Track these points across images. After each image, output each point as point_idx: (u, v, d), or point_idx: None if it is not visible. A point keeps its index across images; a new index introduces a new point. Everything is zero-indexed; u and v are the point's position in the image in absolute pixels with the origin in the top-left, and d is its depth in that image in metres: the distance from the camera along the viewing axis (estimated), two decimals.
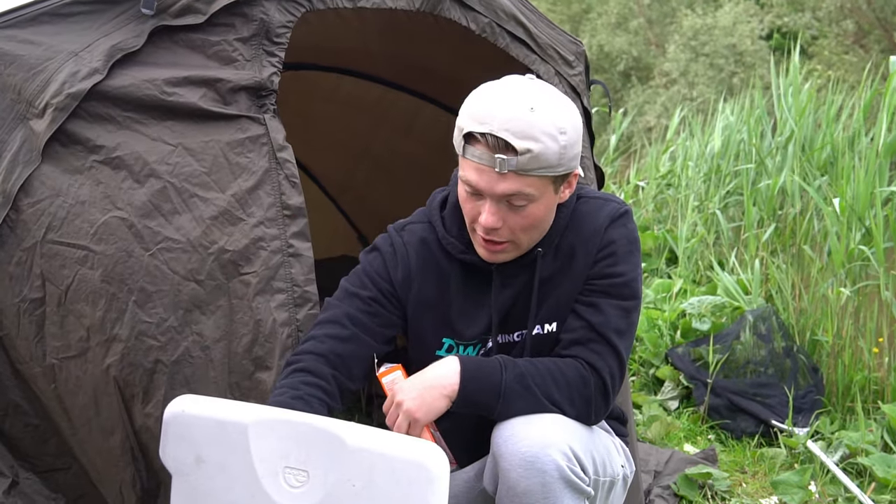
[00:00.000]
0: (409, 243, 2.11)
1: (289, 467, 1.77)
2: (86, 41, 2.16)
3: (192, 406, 1.87)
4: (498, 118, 1.83)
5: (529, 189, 1.88)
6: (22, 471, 2.25)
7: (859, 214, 4.62)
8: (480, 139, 1.85)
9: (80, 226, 2.13)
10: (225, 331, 2.15)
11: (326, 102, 3.96)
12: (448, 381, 1.91)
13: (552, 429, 1.87)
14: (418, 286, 2.09)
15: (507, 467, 1.84)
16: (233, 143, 2.21)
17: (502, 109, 1.84)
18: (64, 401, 2.19)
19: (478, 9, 2.62)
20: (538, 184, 1.88)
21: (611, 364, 1.99)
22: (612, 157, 8.34)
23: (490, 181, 1.87)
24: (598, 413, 2.00)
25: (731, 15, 15.77)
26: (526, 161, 1.83)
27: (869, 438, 3.70)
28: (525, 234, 1.97)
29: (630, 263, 2.04)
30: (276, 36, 2.27)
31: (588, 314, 2.01)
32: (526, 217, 1.93)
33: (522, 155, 1.83)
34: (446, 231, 2.09)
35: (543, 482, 1.82)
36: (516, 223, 1.93)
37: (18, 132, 2.15)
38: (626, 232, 2.05)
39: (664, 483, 3.40)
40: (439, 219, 2.11)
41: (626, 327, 2.02)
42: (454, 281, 2.09)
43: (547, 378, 1.94)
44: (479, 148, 1.86)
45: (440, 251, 2.10)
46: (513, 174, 1.85)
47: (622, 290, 2.02)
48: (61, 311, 2.14)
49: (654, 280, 5.97)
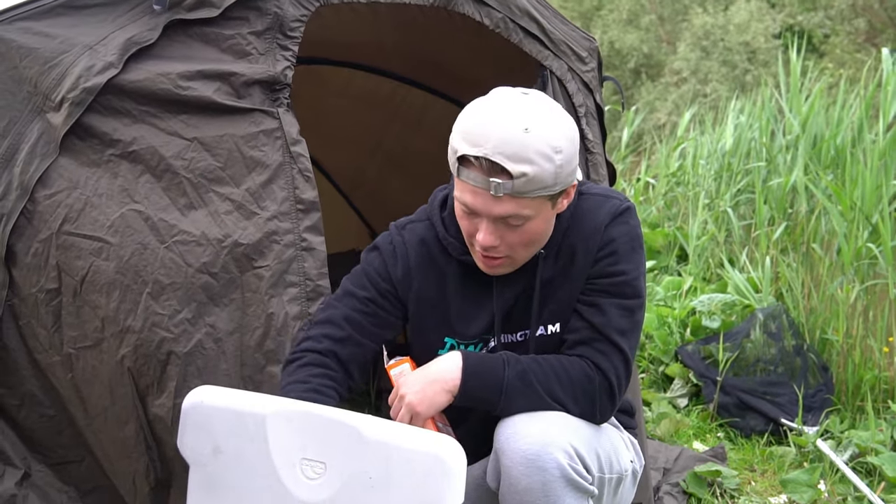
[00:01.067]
0: (409, 242, 2.11)
1: (306, 459, 1.78)
2: (101, 34, 2.16)
3: (211, 396, 1.89)
4: (492, 140, 1.80)
5: (526, 210, 1.87)
6: (34, 462, 2.26)
7: (867, 213, 4.60)
8: (474, 162, 1.83)
9: (96, 217, 2.14)
10: (238, 324, 2.16)
11: (339, 97, 3.96)
12: (450, 376, 1.92)
13: (554, 427, 1.87)
14: (418, 284, 2.09)
15: (509, 465, 1.85)
16: (247, 137, 2.21)
17: (495, 130, 1.81)
18: (80, 390, 2.20)
19: (491, 4, 2.62)
20: (534, 204, 1.87)
21: (616, 364, 1.98)
22: (624, 154, 8.32)
23: (486, 204, 1.86)
24: (603, 412, 1.99)
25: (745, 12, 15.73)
26: (522, 184, 1.81)
27: (879, 438, 3.69)
28: (524, 249, 1.97)
29: (632, 262, 2.02)
30: (289, 30, 2.28)
31: (590, 314, 2.00)
32: (524, 234, 1.92)
33: (518, 179, 1.80)
34: (446, 231, 2.08)
35: (544, 480, 1.82)
36: (514, 240, 1.93)
37: (36, 124, 2.16)
38: (627, 229, 2.03)
39: (673, 480, 3.39)
40: (439, 219, 2.10)
41: (630, 326, 2.01)
42: (452, 281, 2.09)
43: (550, 375, 1.94)
44: (474, 171, 1.84)
45: (439, 250, 2.10)
46: (508, 197, 1.83)
47: (624, 289, 2.01)
48: (77, 302, 2.15)
49: (664, 277, 5.96)
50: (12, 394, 2.24)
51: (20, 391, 2.23)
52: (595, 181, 2.85)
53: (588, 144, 2.85)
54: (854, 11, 14.99)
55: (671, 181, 7.70)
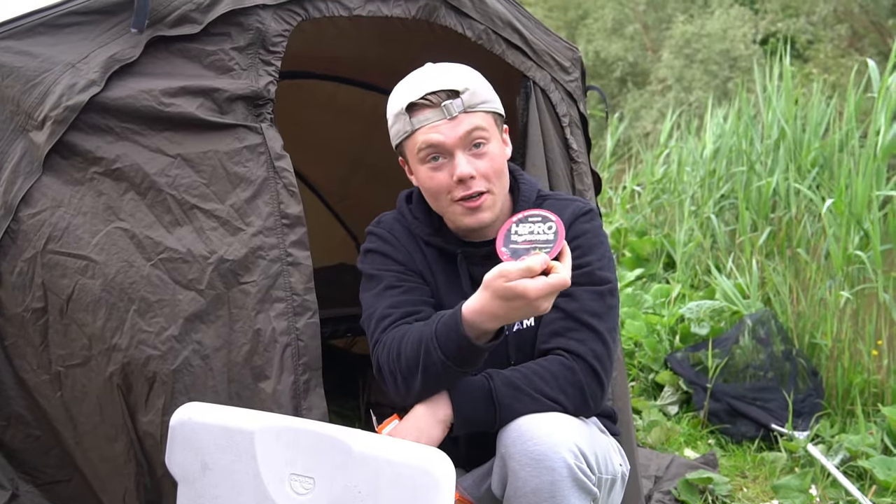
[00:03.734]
0: (390, 228, 2.23)
1: (295, 474, 1.77)
2: (82, 52, 2.16)
3: (199, 413, 1.88)
4: (427, 80, 2.01)
5: (483, 123, 2.02)
6: (22, 483, 2.25)
7: (858, 218, 4.62)
8: (423, 101, 2.00)
9: (81, 236, 2.14)
10: (225, 340, 2.16)
11: (322, 110, 3.96)
12: (439, 407, 1.96)
13: (559, 427, 1.88)
14: (410, 258, 2.18)
15: (517, 467, 1.85)
16: (231, 153, 2.21)
17: (420, 78, 2.03)
18: (70, 408, 2.19)
19: (473, 16, 2.63)
20: (488, 119, 2.04)
21: (594, 347, 2.01)
22: (609, 163, 8.35)
23: (448, 130, 2.00)
24: (594, 398, 2.01)
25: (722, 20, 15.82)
26: (469, 97, 2.00)
27: (869, 441, 3.70)
28: (496, 178, 2.06)
29: (597, 253, 2.11)
30: (271, 45, 2.28)
31: (562, 303, 2.04)
32: (491, 159, 2.04)
33: (464, 92, 1.99)
34: (413, 217, 2.21)
35: (552, 480, 1.82)
36: (485, 169, 2.04)
37: (19, 143, 2.15)
38: (590, 227, 2.14)
39: (665, 488, 3.39)
40: (406, 207, 2.23)
41: (604, 310, 2.06)
42: (429, 257, 2.18)
43: (532, 376, 1.96)
44: (426, 110, 2.01)
45: (407, 234, 2.21)
46: (463, 114, 2.00)
47: (592, 277, 2.07)
48: (63, 321, 2.14)
49: (652, 285, 5.98)
50: None
51: (6, 411, 2.22)
52: (580, 191, 2.86)
53: (573, 154, 2.86)
54: (836, 17, 15.09)
55: (657, 189, 7.73)
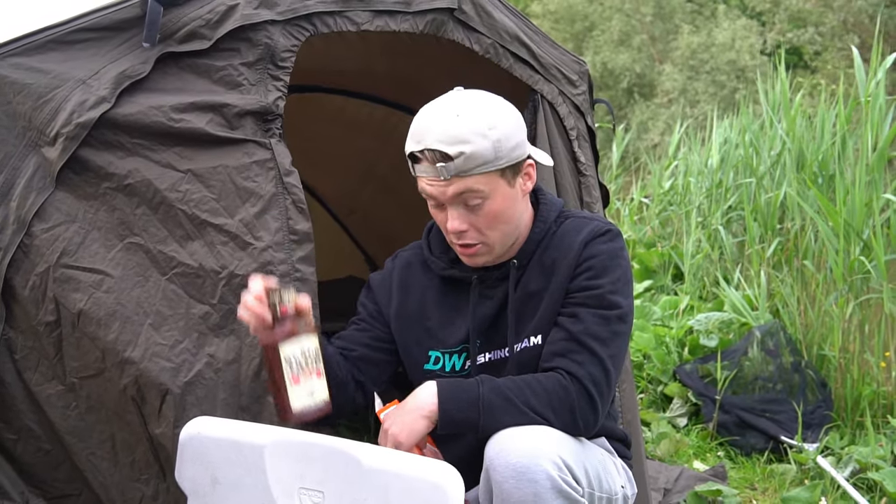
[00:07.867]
0: (397, 267, 2.30)
1: (304, 488, 1.78)
2: (93, 68, 2.17)
3: (209, 427, 1.89)
4: (431, 132, 2.00)
5: (477, 186, 2.00)
6: (33, 497, 2.25)
7: (857, 228, 4.60)
8: (421, 156, 2.02)
9: (97, 250, 2.16)
10: (236, 354, 2.18)
11: (331, 124, 3.98)
12: (426, 403, 1.98)
13: (542, 439, 1.89)
14: (398, 301, 2.25)
15: (500, 479, 1.86)
16: (240, 168, 2.23)
17: (432, 123, 2.01)
18: (85, 418, 2.22)
19: (481, 30, 2.64)
20: (484, 180, 2.01)
21: (592, 371, 2.00)
22: (616, 174, 8.35)
23: (439, 189, 2.02)
24: (585, 420, 2.00)
25: (729, 31, 15.82)
26: (462, 163, 1.97)
27: (879, 453, 3.69)
28: (492, 231, 2.07)
29: (610, 276, 2.08)
30: (280, 60, 2.29)
31: (567, 324, 2.06)
32: (486, 215, 2.04)
33: (457, 158, 1.97)
34: (431, 252, 2.24)
35: (535, 492, 1.82)
36: (479, 223, 2.05)
37: (31, 159, 2.16)
38: (606, 248, 2.11)
39: (674, 501, 3.39)
40: (426, 241, 2.27)
41: (608, 335, 2.05)
42: (432, 293, 2.22)
43: (524, 388, 1.97)
44: (423, 164, 2.02)
45: (423, 269, 2.26)
46: (455, 178, 2.00)
47: (600, 301, 2.06)
48: (76, 334, 2.16)
49: (660, 297, 5.97)
50: (9, 428, 2.23)
51: (17, 425, 2.23)
52: (588, 203, 2.86)
53: (580, 167, 2.87)
54: (845, 28, 15.08)
55: (664, 200, 7.72)
